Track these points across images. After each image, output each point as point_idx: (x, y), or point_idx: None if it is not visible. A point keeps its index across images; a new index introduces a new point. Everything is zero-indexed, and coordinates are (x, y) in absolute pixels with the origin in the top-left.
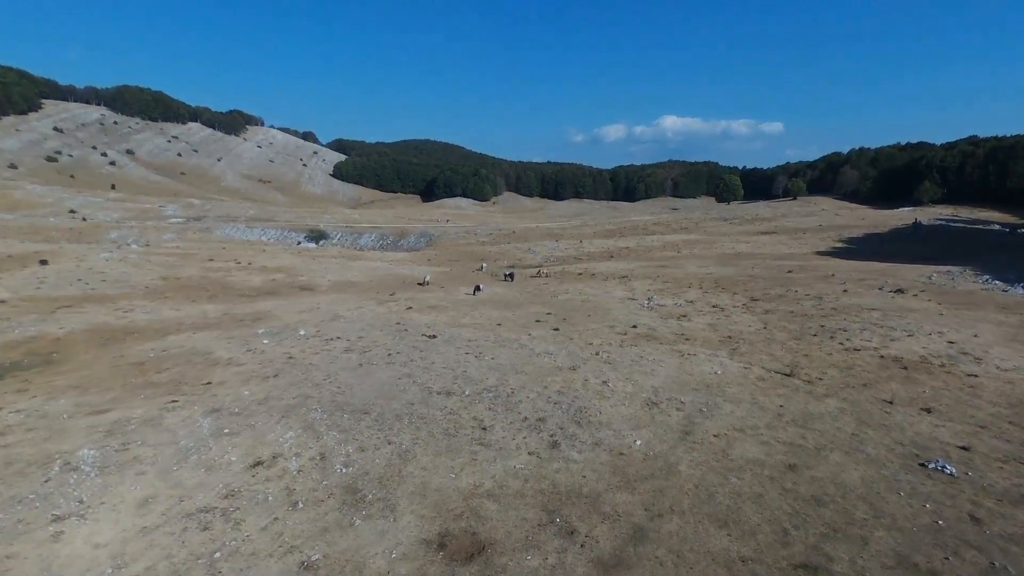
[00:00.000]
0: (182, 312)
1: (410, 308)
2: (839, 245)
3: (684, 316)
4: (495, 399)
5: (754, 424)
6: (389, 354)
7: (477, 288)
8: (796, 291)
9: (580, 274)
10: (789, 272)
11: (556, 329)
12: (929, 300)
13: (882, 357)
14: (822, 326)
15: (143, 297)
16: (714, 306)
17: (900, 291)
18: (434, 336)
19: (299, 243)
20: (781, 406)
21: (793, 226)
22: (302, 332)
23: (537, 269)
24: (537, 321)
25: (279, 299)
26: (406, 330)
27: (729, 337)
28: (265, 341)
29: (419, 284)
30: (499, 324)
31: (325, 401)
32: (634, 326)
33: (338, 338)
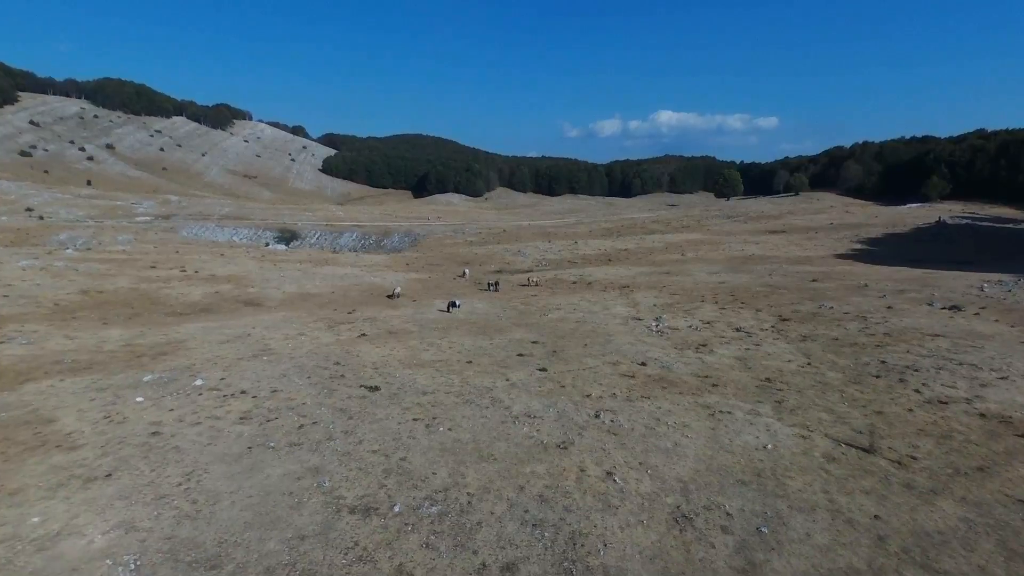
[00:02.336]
0: (74, 342)
1: (363, 335)
2: (859, 247)
3: (704, 346)
4: (440, 520)
5: (850, 563)
6: (301, 426)
7: (452, 304)
8: (831, 307)
9: (575, 283)
10: (814, 281)
11: (543, 370)
12: (997, 321)
13: (983, 416)
14: (883, 362)
15: (43, 318)
16: (738, 329)
17: (956, 308)
18: (376, 388)
19: (267, 244)
20: (877, 517)
21: (803, 224)
22: (199, 382)
23: (527, 276)
24: (520, 355)
25: (212, 319)
26: (343, 376)
27: (768, 380)
28: (139, 399)
29: (388, 297)
30: (470, 361)
31: (154, 540)
32: (643, 363)
33: (243, 393)
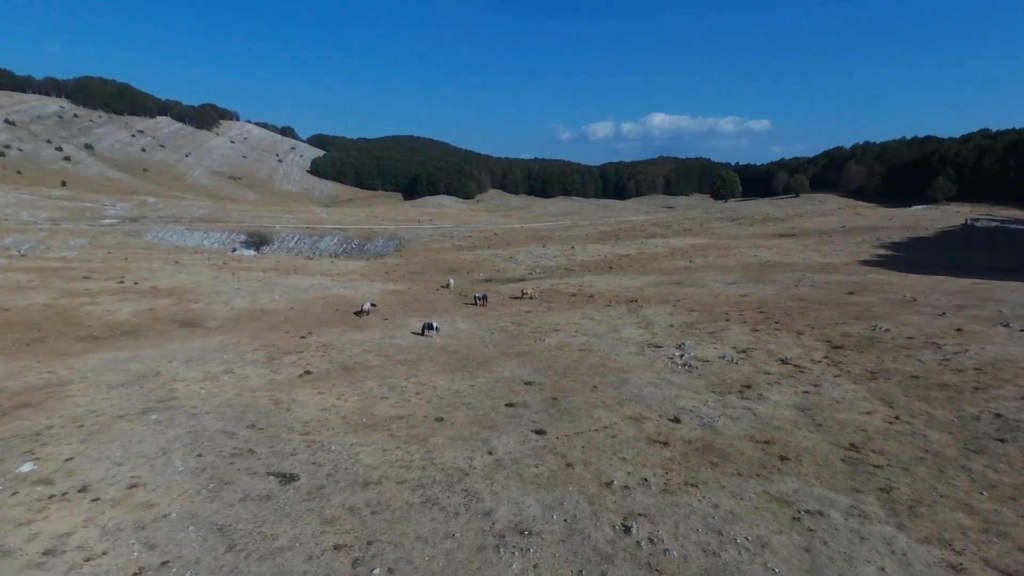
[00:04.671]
0: None
1: (307, 373)
2: (884, 252)
3: (748, 387)
4: None
5: None
6: (135, 574)
7: (429, 326)
8: (887, 329)
9: (574, 295)
10: (850, 293)
11: (541, 432)
12: None
13: None
14: (998, 415)
15: None
16: (783, 361)
17: None
18: (292, 478)
19: (234, 250)
20: None
21: (813, 228)
22: (27, 467)
23: (519, 287)
24: (509, 405)
25: (127, 346)
26: (251, 452)
27: (853, 448)
28: None
29: (356, 314)
30: (440, 418)
31: None
32: (675, 419)
33: (82, 491)
